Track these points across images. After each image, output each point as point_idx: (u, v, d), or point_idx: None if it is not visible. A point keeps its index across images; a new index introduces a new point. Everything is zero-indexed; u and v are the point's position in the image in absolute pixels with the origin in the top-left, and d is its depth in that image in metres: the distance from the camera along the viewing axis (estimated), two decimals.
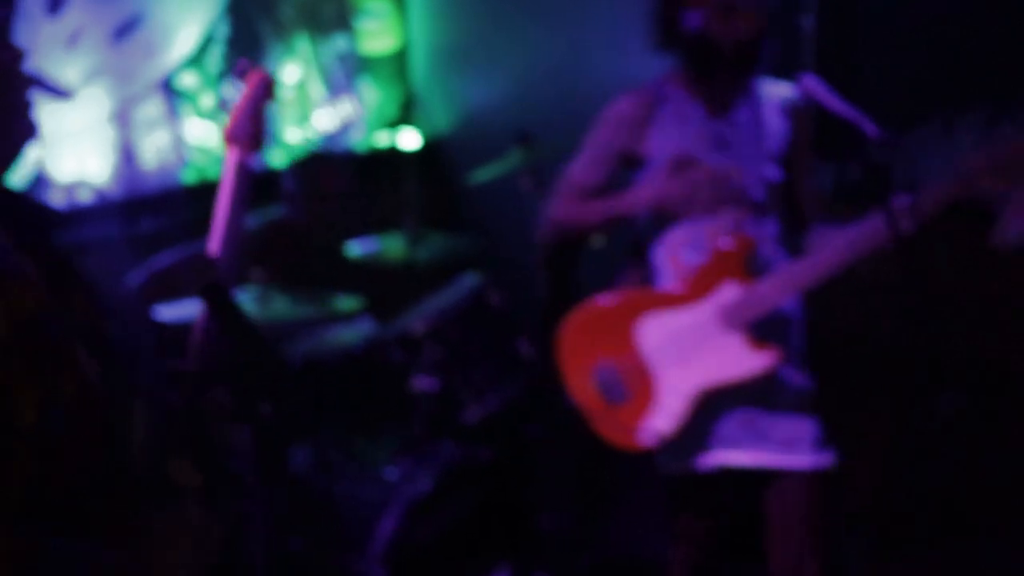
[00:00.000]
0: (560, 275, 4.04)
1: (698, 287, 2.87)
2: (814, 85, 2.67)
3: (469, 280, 3.85)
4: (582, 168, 3.01)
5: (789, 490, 2.91)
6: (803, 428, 2.90)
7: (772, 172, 2.93)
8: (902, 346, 3.63)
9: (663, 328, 2.89)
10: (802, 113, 2.98)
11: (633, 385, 2.89)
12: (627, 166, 2.98)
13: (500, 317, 3.75)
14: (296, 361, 3.65)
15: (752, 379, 2.82)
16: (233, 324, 1.76)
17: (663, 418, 2.85)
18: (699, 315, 2.86)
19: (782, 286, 2.79)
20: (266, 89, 2.19)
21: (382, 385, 3.70)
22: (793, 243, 2.97)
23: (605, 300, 2.99)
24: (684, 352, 2.85)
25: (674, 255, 2.95)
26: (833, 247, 2.71)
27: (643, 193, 2.89)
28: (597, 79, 4.66)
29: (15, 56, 1.67)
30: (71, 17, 4.21)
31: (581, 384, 2.97)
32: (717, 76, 2.88)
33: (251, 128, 2.11)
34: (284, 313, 3.47)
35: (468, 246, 4.45)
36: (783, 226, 2.97)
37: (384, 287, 4.29)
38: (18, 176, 1.76)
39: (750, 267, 2.86)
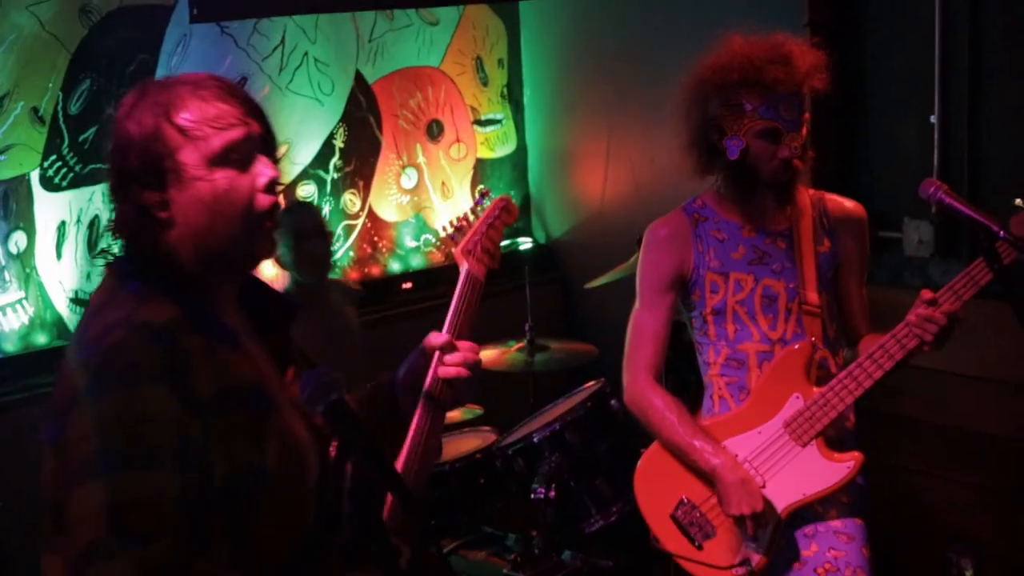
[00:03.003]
0: (679, 378, 3.99)
1: (764, 405, 2.79)
2: (938, 189, 2.61)
3: (588, 386, 3.81)
4: (648, 313, 2.92)
5: None
6: (846, 552, 2.81)
7: (816, 282, 2.86)
8: None
9: (737, 454, 2.79)
10: (849, 226, 2.93)
11: (717, 519, 2.78)
12: (676, 289, 2.91)
13: (620, 424, 3.70)
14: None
15: (836, 490, 2.74)
16: (357, 444, 1.75)
17: (755, 547, 2.74)
18: (770, 434, 2.77)
19: (846, 389, 2.72)
20: (506, 211, 2.35)
21: (503, 494, 3.66)
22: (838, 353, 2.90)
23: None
24: (763, 475, 2.75)
25: (716, 373, 2.89)
26: (889, 335, 2.68)
27: (712, 461, 2.76)
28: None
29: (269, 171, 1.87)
30: None
31: (665, 530, 2.83)
32: (757, 195, 2.83)
33: (486, 245, 2.32)
34: None
35: (586, 352, 4.41)
36: (831, 336, 2.90)
37: (503, 394, 4.27)
38: None
39: (811, 374, 2.79)
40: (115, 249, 1.86)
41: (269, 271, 4.02)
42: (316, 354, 3.98)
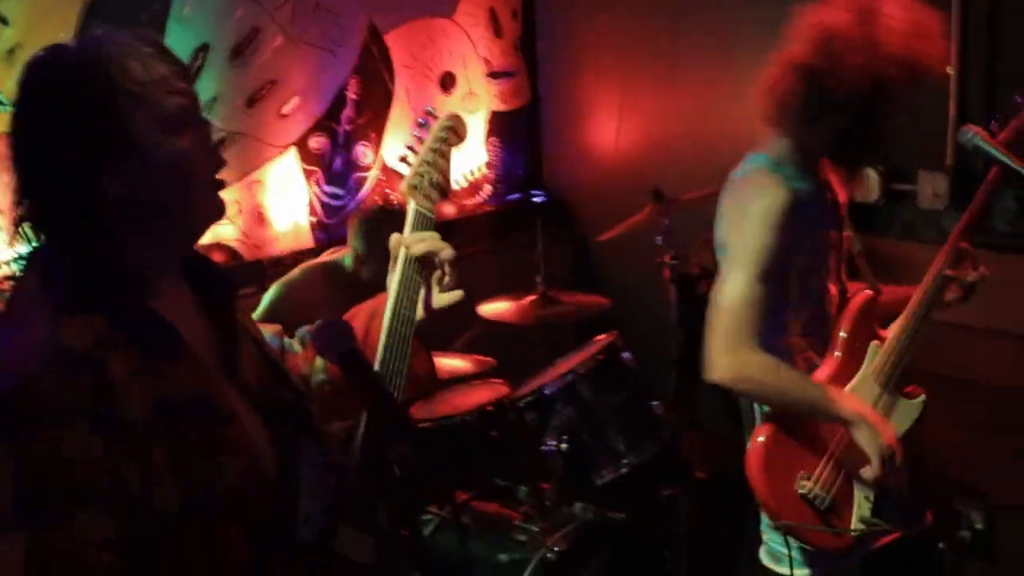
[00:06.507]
0: (693, 332, 3.98)
1: (851, 360, 2.81)
2: (978, 135, 2.63)
3: (600, 339, 3.81)
4: (760, 286, 2.68)
5: None
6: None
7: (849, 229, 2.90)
8: None
9: None
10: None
11: (834, 488, 2.75)
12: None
13: (632, 376, 3.71)
14: (430, 424, 3.63)
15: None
16: (368, 390, 1.76)
17: (865, 505, 2.75)
18: (863, 385, 2.80)
19: (912, 327, 2.77)
20: (452, 132, 2.16)
21: (514, 447, 3.67)
22: None
23: (762, 434, 2.80)
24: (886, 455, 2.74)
25: (797, 333, 2.85)
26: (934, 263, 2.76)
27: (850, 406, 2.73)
28: (727, 133, 4.61)
29: (210, 134, 1.72)
30: (207, 85, 4.31)
31: (789, 507, 2.74)
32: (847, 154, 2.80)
33: (433, 177, 2.10)
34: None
35: (599, 304, 4.41)
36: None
37: (515, 347, 4.28)
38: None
39: (879, 322, 2.83)
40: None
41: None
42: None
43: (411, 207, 2.06)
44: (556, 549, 3.28)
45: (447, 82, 5.17)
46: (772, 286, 2.70)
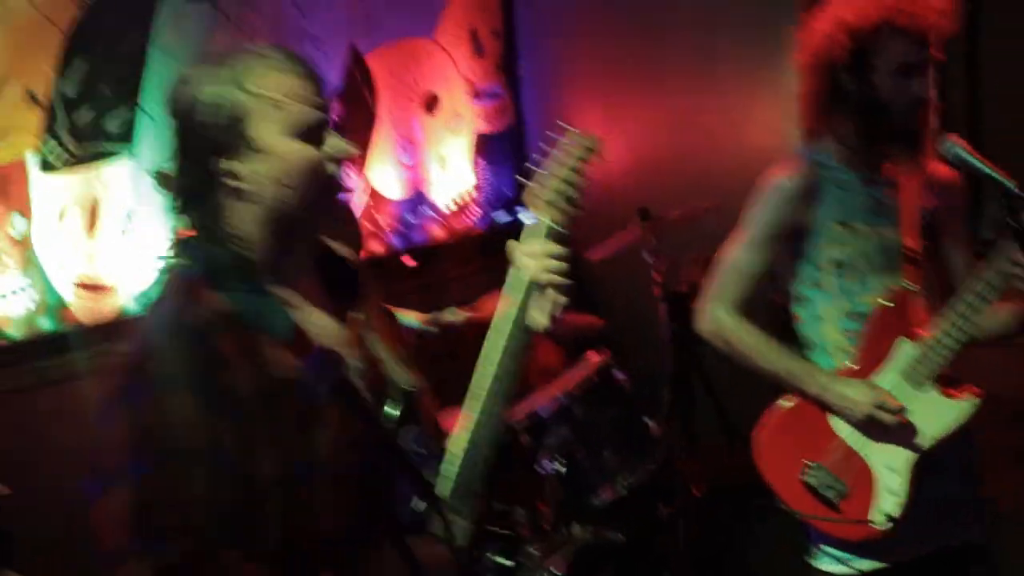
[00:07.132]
0: (685, 349, 3.98)
1: (873, 354, 2.77)
2: (958, 145, 2.62)
3: (592, 358, 3.80)
4: (752, 255, 2.85)
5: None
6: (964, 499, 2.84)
7: (917, 229, 2.83)
8: None
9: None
10: (953, 184, 2.91)
11: (849, 476, 2.73)
12: (788, 240, 2.85)
13: (625, 395, 3.69)
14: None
15: (960, 430, 2.73)
16: (361, 420, 1.76)
17: (890, 500, 2.71)
18: (886, 383, 2.75)
19: (955, 327, 2.70)
20: (590, 151, 2.18)
21: (510, 469, 3.65)
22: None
23: (788, 402, 2.83)
24: (886, 425, 2.71)
25: (834, 327, 2.85)
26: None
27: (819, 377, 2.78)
28: (714, 151, 4.62)
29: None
30: None
31: (796, 495, 2.76)
32: (885, 139, 2.79)
33: (563, 190, 2.13)
34: None
35: (590, 323, 4.40)
36: (937, 285, 2.88)
37: None
38: None
39: (915, 319, 2.78)
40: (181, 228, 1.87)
41: None
42: None
43: (541, 219, 2.09)
44: (555, 571, 3.26)
45: (431, 103, 5.16)
46: (761, 257, 2.83)
